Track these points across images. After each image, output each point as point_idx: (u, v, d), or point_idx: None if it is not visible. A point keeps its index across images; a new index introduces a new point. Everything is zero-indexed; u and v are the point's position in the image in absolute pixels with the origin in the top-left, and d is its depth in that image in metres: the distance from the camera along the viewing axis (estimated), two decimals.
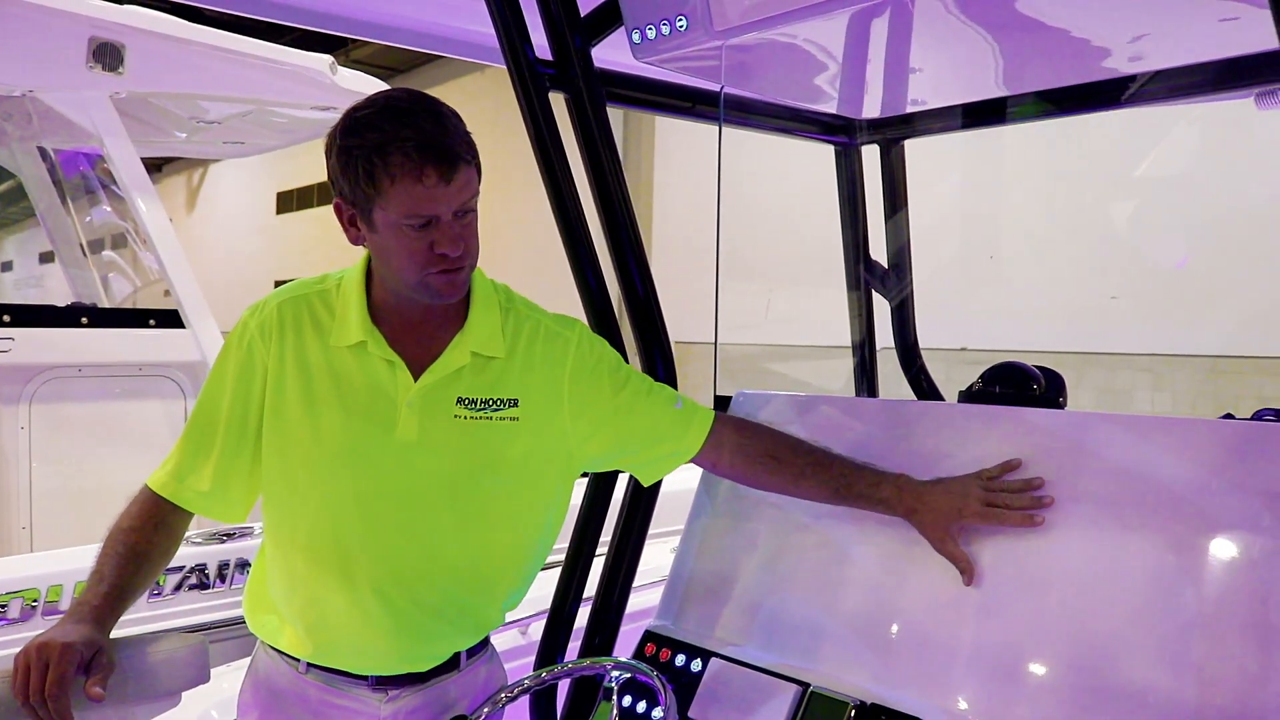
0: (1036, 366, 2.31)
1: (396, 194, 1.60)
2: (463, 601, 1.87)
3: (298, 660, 1.85)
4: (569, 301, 2.27)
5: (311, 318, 1.80)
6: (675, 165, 11.81)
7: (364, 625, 1.80)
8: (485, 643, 2.00)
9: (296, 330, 1.79)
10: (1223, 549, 1.68)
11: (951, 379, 3.07)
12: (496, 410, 1.81)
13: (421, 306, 1.77)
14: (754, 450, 1.98)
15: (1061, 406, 2.28)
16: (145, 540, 1.74)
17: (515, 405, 1.83)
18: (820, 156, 3.02)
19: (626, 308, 2.32)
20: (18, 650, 1.53)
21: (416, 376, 1.78)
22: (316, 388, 1.77)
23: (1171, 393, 7.96)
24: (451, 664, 1.90)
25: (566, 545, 2.35)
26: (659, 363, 2.35)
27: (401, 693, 1.85)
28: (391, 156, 1.58)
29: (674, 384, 2.37)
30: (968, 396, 2.34)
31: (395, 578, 1.80)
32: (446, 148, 1.60)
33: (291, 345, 1.78)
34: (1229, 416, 2.05)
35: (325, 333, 1.79)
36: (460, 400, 1.79)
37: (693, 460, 1.99)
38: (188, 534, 1.92)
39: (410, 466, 1.78)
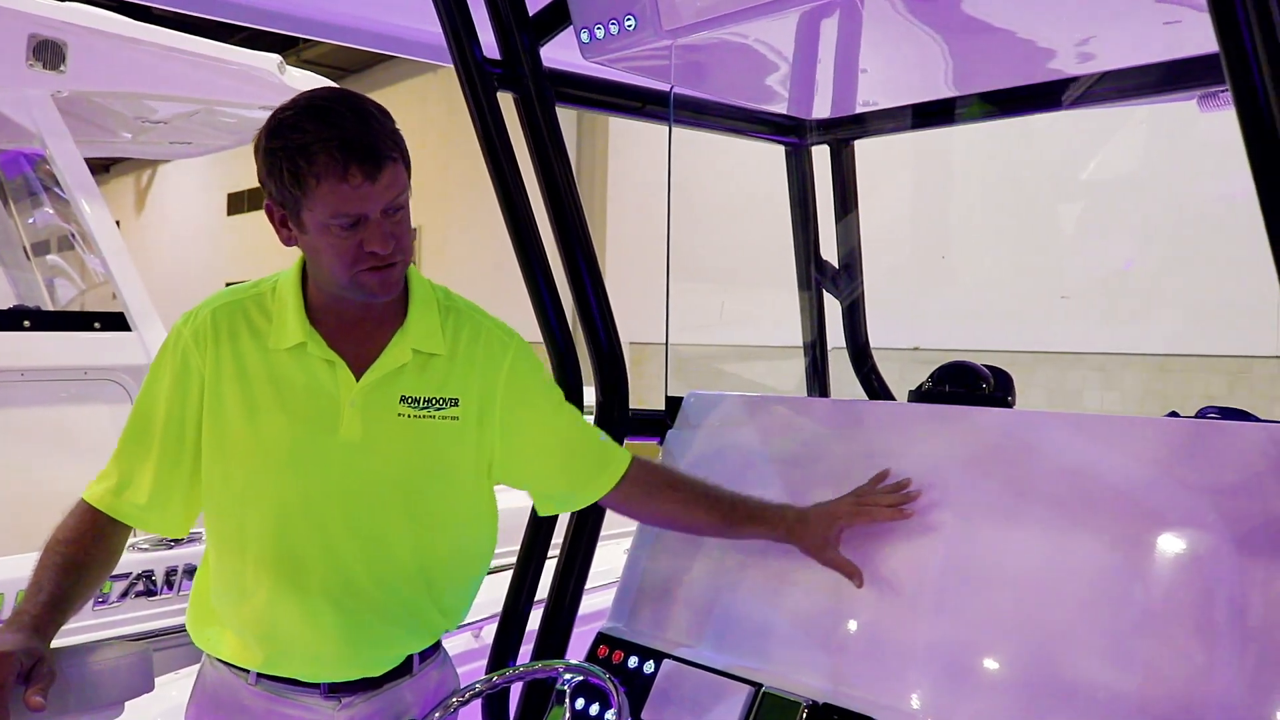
0: (986, 366, 2.33)
1: (322, 194, 1.59)
2: (413, 604, 1.85)
3: (247, 671, 1.82)
4: (522, 304, 2.26)
5: (247, 322, 1.78)
6: (629, 165, 11.82)
7: (316, 630, 1.77)
8: (437, 646, 1.98)
9: (232, 335, 1.77)
10: (1168, 545, 1.70)
11: (904, 379, 3.09)
12: (440, 409, 1.80)
13: (359, 305, 1.75)
14: (656, 480, 2.03)
15: (1010, 405, 2.30)
16: (83, 552, 1.70)
17: (456, 405, 1.82)
18: (772, 157, 3.03)
19: (577, 309, 2.31)
20: None
21: (358, 376, 1.76)
22: (256, 392, 1.75)
23: (1121, 391, 8.07)
24: (404, 668, 1.88)
25: (518, 547, 2.33)
26: (609, 365, 2.34)
27: (354, 699, 1.83)
28: (316, 157, 1.57)
29: (625, 385, 2.37)
30: (917, 396, 2.36)
31: (345, 580, 1.77)
32: (370, 146, 1.59)
33: (228, 351, 1.76)
34: (1174, 414, 2.08)
35: (262, 336, 1.76)
36: (404, 399, 1.78)
37: (600, 500, 2.00)
38: (134, 540, 1.89)
39: (356, 466, 1.76)
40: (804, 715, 1.86)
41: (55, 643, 1.60)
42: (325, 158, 1.56)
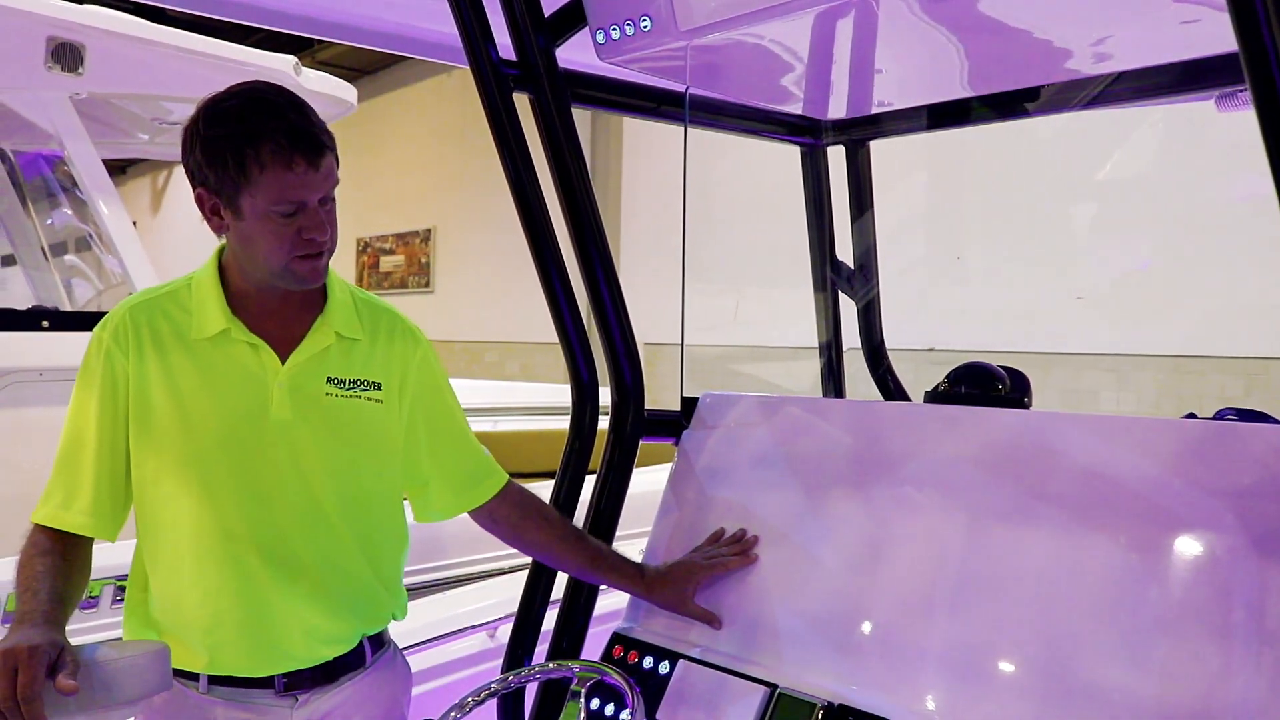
0: (1002, 367, 2.32)
1: (266, 181, 1.65)
2: (357, 578, 1.89)
3: (196, 678, 1.82)
4: (534, 303, 2.26)
5: (166, 317, 1.81)
6: (644, 165, 11.80)
7: (261, 612, 1.79)
8: (384, 639, 2.01)
9: (153, 331, 1.80)
10: (1186, 548, 1.69)
11: (919, 379, 3.07)
12: (364, 390, 1.88)
13: (280, 293, 1.81)
14: (530, 509, 2.09)
15: (1027, 406, 2.29)
16: (60, 559, 1.72)
17: (379, 389, 1.89)
18: (788, 157, 3.02)
19: (593, 310, 2.31)
20: None
21: (283, 359, 1.81)
22: (182, 383, 1.78)
23: (1136, 392, 8.02)
24: (357, 659, 1.91)
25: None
26: (625, 365, 2.34)
27: (310, 696, 1.84)
28: (262, 145, 1.63)
29: (641, 386, 2.37)
30: (933, 397, 2.35)
31: (288, 558, 1.81)
32: (313, 137, 1.67)
33: (150, 347, 1.79)
34: (1191, 416, 2.07)
35: (183, 329, 1.80)
36: (330, 379, 1.84)
37: (472, 512, 2.06)
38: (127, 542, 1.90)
39: (290, 444, 1.80)
40: (819, 716, 1.86)
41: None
42: (273, 147, 1.63)
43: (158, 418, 1.77)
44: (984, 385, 2.28)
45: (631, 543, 2.80)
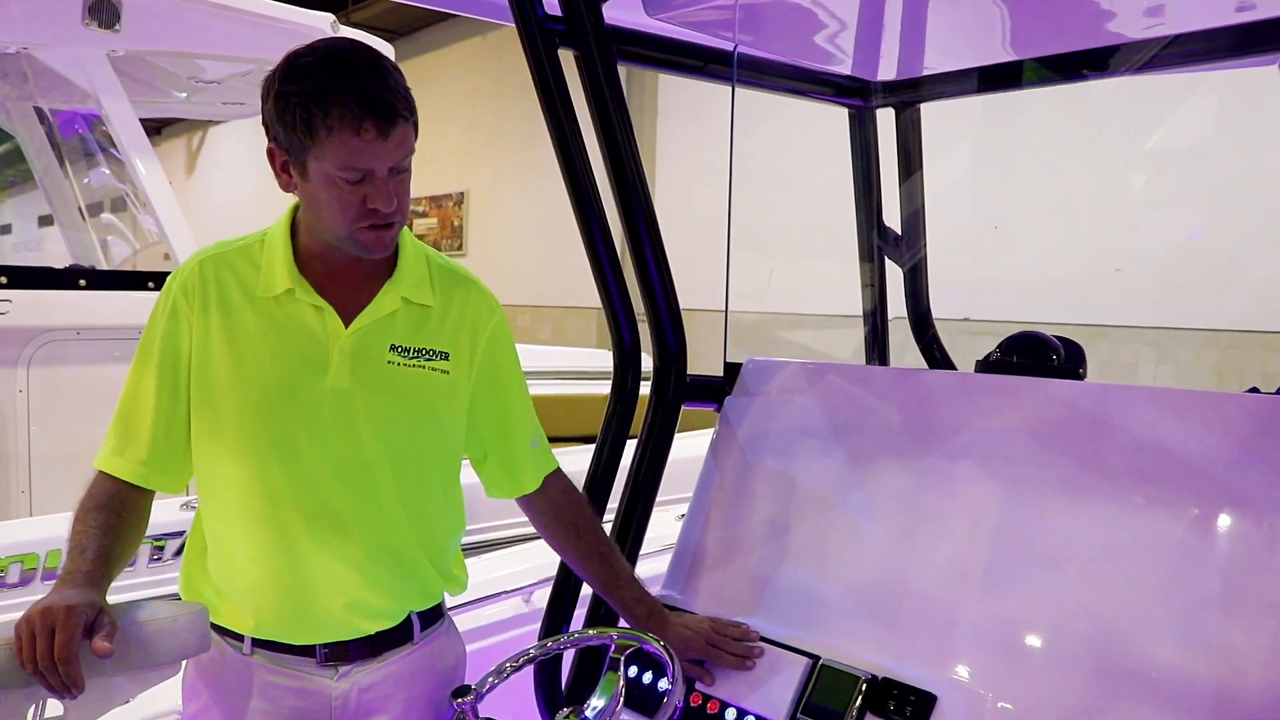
0: (1056, 337, 2.27)
1: (333, 145, 1.58)
2: (404, 554, 1.84)
3: (241, 639, 1.81)
4: (566, 266, 2.22)
5: (234, 272, 1.77)
6: (678, 126, 11.71)
7: (304, 580, 1.76)
8: (440, 615, 1.96)
9: (219, 285, 1.76)
10: (1246, 525, 1.64)
11: (954, 349, 3.03)
12: (429, 360, 1.81)
13: (349, 255, 1.74)
14: (567, 516, 2.03)
15: (1081, 378, 2.24)
16: (115, 516, 1.69)
17: (446, 359, 1.83)
18: (833, 120, 2.96)
19: (636, 273, 2.27)
20: (18, 616, 1.49)
21: (347, 323, 1.76)
22: (243, 339, 1.74)
23: (1175, 367, 7.91)
24: (404, 634, 1.86)
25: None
26: (668, 330, 2.30)
27: (352, 669, 1.81)
28: (331, 107, 1.55)
29: (684, 351, 2.33)
30: (986, 366, 2.30)
31: (334, 527, 1.76)
32: (387, 103, 1.58)
33: (215, 300, 1.75)
34: (1254, 390, 2.01)
35: (250, 285, 1.76)
36: (394, 348, 1.79)
37: (518, 499, 2.03)
38: (188, 499, 1.89)
39: (343, 412, 1.75)
40: (863, 688, 1.83)
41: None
42: (340, 109, 1.55)
43: (216, 374, 1.74)
44: (1038, 355, 2.23)
45: (667, 509, 2.78)
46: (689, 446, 2.51)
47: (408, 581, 1.86)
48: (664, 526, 2.56)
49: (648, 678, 2.09)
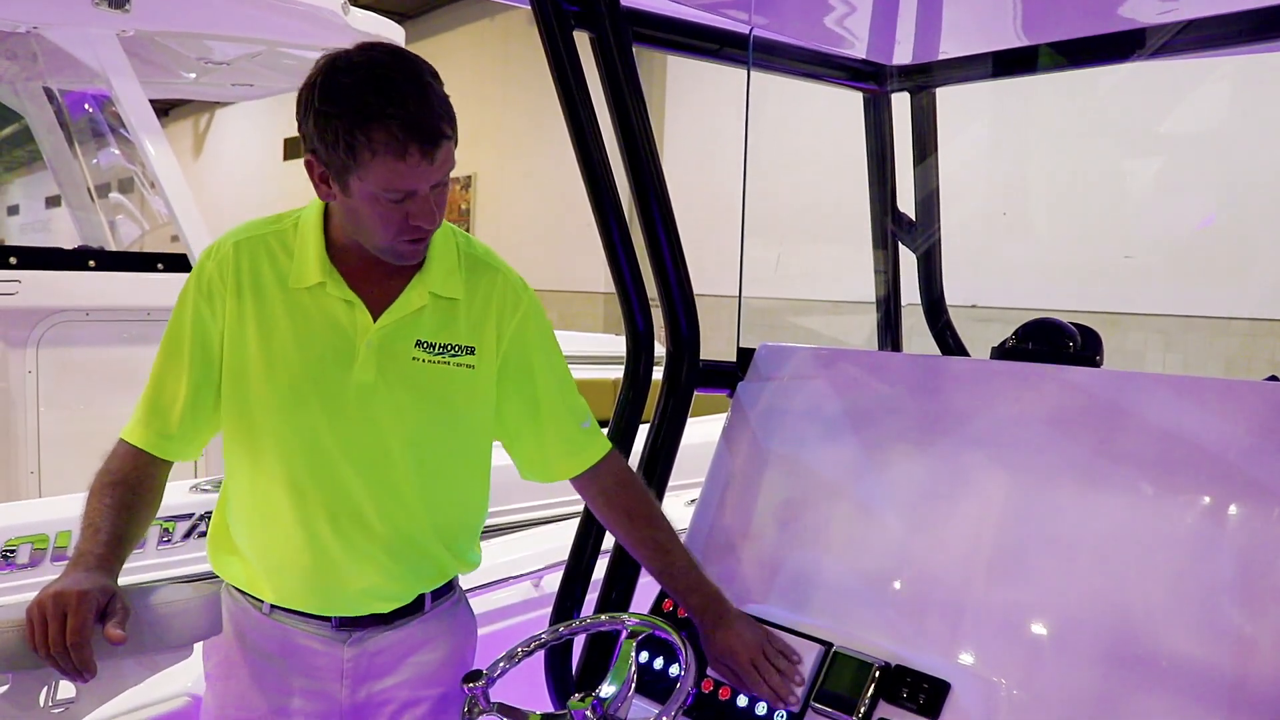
0: (1073, 323, 2.25)
1: (377, 167, 1.57)
2: (420, 544, 1.86)
3: (260, 602, 1.86)
4: (572, 251, 2.20)
5: (269, 257, 1.78)
6: (687, 110, 11.68)
7: (323, 565, 1.80)
8: (451, 586, 2.00)
9: (253, 270, 1.77)
10: (1264, 513, 1.63)
11: (963, 335, 3.01)
12: (455, 355, 1.81)
13: None
14: (618, 502, 1.99)
15: (1098, 365, 2.23)
16: (130, 492, 1.71)
17: (472, 354, 1.83)
18: (846, 104, 2.95)
19: (649, 257, 2.25)
20: (28, 596, 1.49)
21: (375, 317, 1.76)
22: (274, 327, 1.75)
23: (1184, 354, 7.89)
24: (416, 606, 1.91)
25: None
26: (681, 315, 2.29)
27: (364, 635, 1.86)
28: (374, 132, 1.54)
29: (697, 336, 2.32)
30: (1001, 353, 2.29)
31: (353, 519, 1.79)
32: (431, 126, 1.57)
33: (249, 284, 1.76)
34: (1273, 378, 1.99)
35: (283, 273, 1.77)
36: (420, 343, 1.79)
37: (571, 480, 1.99)
38: (197, 482, 1.91)
39: (366, 406, 1.76)
40: (876, 675, 1.82)
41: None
42: (385, 135, 1.54)
43: (248, 361, 1.76)
44: (1054, 342, 2.22)
45: (678, 494, 2.77)
46: (700, 432, 2.51)
47: (423, 567, 1.89)
48: (675, 512, 2.56)
49: (660, 663, 2.08)
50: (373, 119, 1.53)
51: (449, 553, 1.91)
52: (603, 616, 2.04)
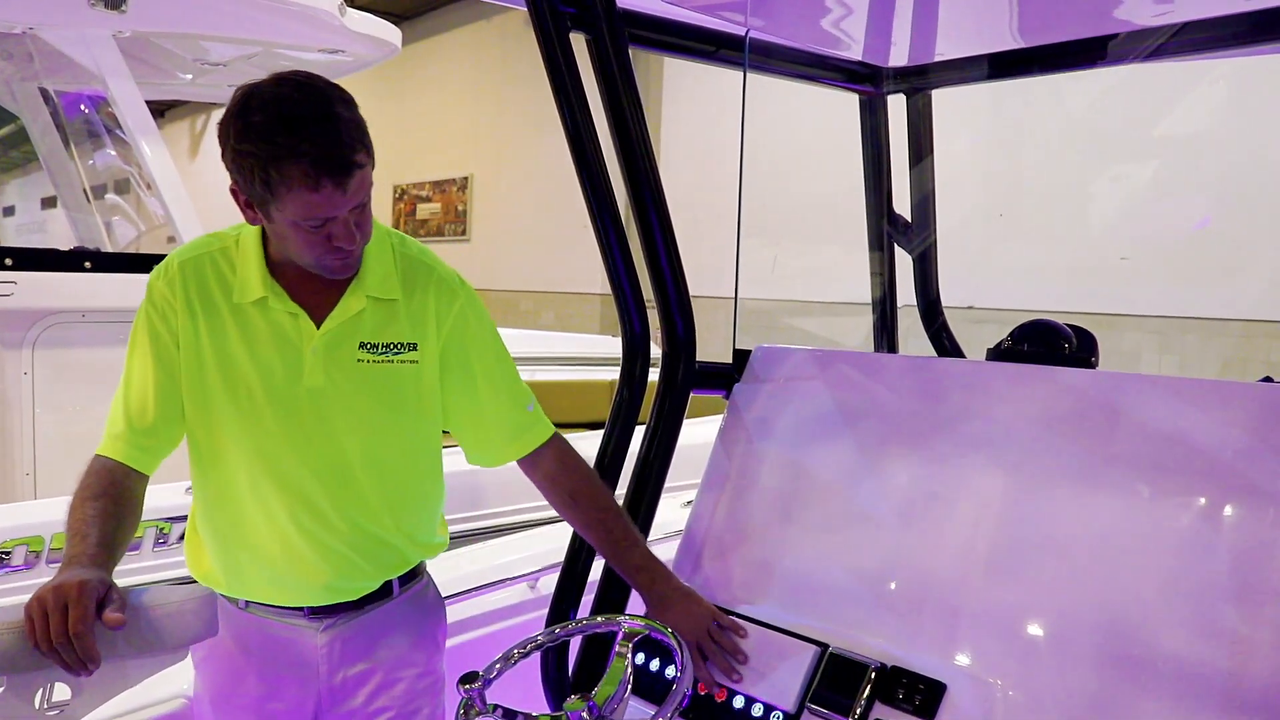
0: (1068, 325, 2.25)
1: (293, 200, 1.63)
2: (382, 538, 1.94)
3: (235, 599, 1.94)
4: (568, 252, 2.20)
5: (215, 274, 1.85)
6: (684, 112, 11.68)
7: (289, 562, 1.88)
8: (417, 572, 2.07)
9: (201, 287, 1.84)
10: (1259, 515, 1.63)
11: (958, 336, 3.02)
12: (397, 354, 1.89)
13: None
14: (562, 484, 2.04)
15: (1093, 366, 2.23)
16: (113, 503, 1.73)
17: (415, 349, 1.90)
18: (838, 109, 2.95)
19: (645, 259, 2.26)
20: (23, 598, 1.48)
21: (319, 324, 1.84)
22: (226, 339, 1.83)
23: (1179, 356, 7.90)
24: (384, 592, 1.99)
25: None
26: (677, 317, 2.30)
27: (336, 621, 1.95)
28: (286, 169, 1.59)
29: (693, 337, 2.32)
30: (996, 354, 2.29)
31: (316, 518, 1.87)
32: (341, 159, 1.62)
33: (199, 301, 1.83)
34: (1268, 380, 2.00)
35: (229, 288, 1.84)
36: (363, 345, 1.86)
37: (519, 464, 2.06)
38: (190, 485, 1.94)
39: (319, 409, 1.84)
40: (872, 677, 1.82)
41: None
42: (298, 171, 1.60)
43: (204, 371, 1.83)
44: (1049, 343, 2.22)
45: (674, 495, 2.77)
46: (696, 434, 2.51)
47: (386, 557, 1.97)
48: (671, 513, 2.56)
49: (655, 665, 2.08)
50: (283, 157, 1.59)
51: (410, 542, 1.99)
52: (599, 618, 2.04)
